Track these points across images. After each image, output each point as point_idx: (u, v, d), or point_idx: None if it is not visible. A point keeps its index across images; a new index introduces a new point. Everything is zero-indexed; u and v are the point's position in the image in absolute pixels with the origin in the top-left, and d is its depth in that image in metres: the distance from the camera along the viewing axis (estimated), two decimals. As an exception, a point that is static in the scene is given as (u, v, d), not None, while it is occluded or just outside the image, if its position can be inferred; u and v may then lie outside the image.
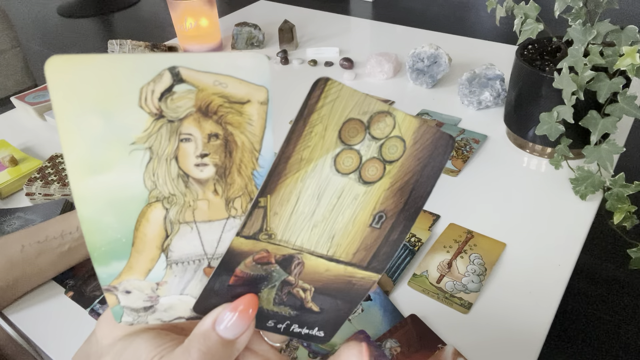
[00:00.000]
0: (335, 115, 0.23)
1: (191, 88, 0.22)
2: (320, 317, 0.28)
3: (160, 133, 0.22)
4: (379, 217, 0.25)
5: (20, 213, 0.69)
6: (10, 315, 0.58)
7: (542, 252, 0.62)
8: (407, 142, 0.24)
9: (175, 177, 0.23)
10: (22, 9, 3.70)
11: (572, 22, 0.67)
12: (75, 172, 0.22)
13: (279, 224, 0.24)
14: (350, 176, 0.24)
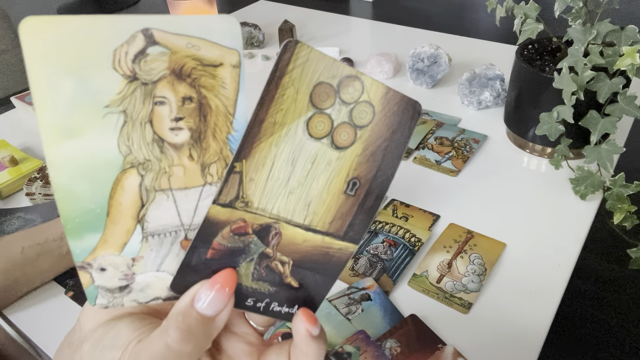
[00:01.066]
0: (306, 78, 0.23)
1: (164, 50, 0.22)
2: (300, 293, 0.27)
3: (135, 96, 0.22)
4: (353, 184, 0.25)
5: (20, 213, 0.69)
6: (10, 315, 0.58)
7: (542, 252, 0.62)
8: (376, 108, 0.24)
9: (150, 141, 0.23)
10: (22, 9, 3.70)
11: (572, 22, 0.67)
12: (49, 137, 0.21)
13: (255, 190, 0.24)
14: (323, 141, 0.24)
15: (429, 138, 0.83)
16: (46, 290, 0.60)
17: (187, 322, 0.23)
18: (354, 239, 0.26)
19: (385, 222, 0.67)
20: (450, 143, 0.82)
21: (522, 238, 0.64)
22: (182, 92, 0.23)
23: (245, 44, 1.22)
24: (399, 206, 0.70)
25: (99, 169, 0.22)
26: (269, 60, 1.16)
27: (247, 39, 1.21)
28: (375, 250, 0.62)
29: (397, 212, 0.69)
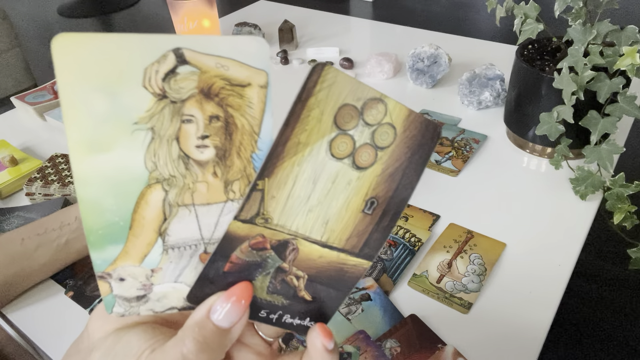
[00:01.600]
0: (332, 100, 0.23)
1: (194, 70, 0.22)
2: (312, 306, 0.28)
3: (163, 114, 0.23)
4: (371, 203, 0.26)
5: (19, 212, 0.69)
6: (10, 315, 0.58)
7: (542, 252, 0.62)
8: (397, 129, 0.25)
9: (176, 158, 0.24)
10: (22, 9, 3.70)
11: (572, 22, 0.67)
12: (77, 151, 0.22)
13: (275, 207, 0.24)
14: (345, 161, 0.25)
15: (429, 138, 0.83)
16: (46, 290, 0.60)
17: (203, 334, 0.24)
18: (369, 255, 0.27)
19: (385, 222, 0.67)
20: (450, 143, 0.82)
21: (522, 238, 0.64)
22: (209, 110, 0.23)
23: (245, 44, 1.21)
24: (399, 206, 0.70)
25: (124, 183, 0.23)
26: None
27: (247, 39, 1.21)
28: (375, 250, 0.62)
29: (397, 212, 0.69)
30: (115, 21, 3.43)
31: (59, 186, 0.73)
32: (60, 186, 0.73)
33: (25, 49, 2.76)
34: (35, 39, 3.19)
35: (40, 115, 0.96)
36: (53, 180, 0.74)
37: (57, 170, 0.76)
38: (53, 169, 0.76)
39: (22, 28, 3.32)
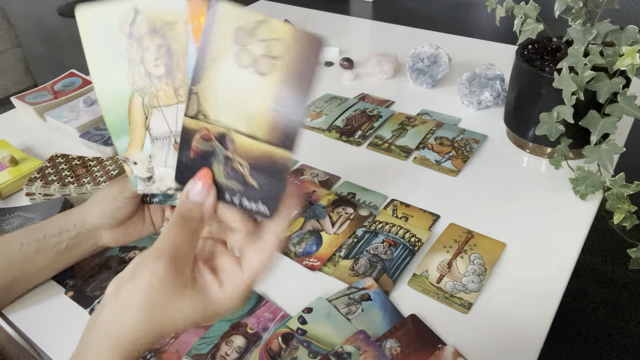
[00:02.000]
0: (229, 25, 0.32)
1: (144, 17, 0.34)
2: (260, 193, 0.34)
3: (132, 47, 0.35)
4: (277, 101, 0.32)
5: (19, 212, 0.69)
6: (10, 315, 0.58)
7: (542, 252, 0.62)
8: (288, 42, 0.31)
9: (143, 74, 0.36)
10: (22, 9, 3.70)
11: (572, 22, 0.67)
12: (96, 75, 0.37)
13: (209, 106, 0.34)
14: (249, 69, 0.32)
15: (429, 138, 0.83)
16: (46, 290, 0.60)
17: (185, 207, 0.35)
18: (288, 146, 0.32)
19: (385, 222, 0.67)
20: (450, 143, 0.82)
21: (522, 238, 0.64)
22: (157, 42, 0.35)
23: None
24: (399, 206, 0.70)
25: (119, 94, 0.37)
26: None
27: (247, 38, 1.21)
28: (375, 250, 0.62)
29: (397, 212, 0.69)
30: (115, 21, 3.42)
31: (59, 186, 0.73)
32: (60, 186, 0.73)
33: (25, 49, 2.76)
34: (35, 39, 3.19)
35: (40, 115, 0.96)
36: (53, 180, 0.74)
37: (57, 170, 0.76)
38: (53, 169, 0.76)
39: (22, 28, 3.32)
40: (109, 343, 0.36)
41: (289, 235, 0.66)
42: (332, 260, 0.62)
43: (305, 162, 0.80)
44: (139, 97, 0.36)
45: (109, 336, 0.36)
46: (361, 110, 0.92)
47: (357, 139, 0.85)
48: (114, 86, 0.36)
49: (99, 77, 0.36)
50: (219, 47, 0.32)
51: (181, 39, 0.34)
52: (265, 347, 0.52)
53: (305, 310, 0.55)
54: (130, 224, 0.58)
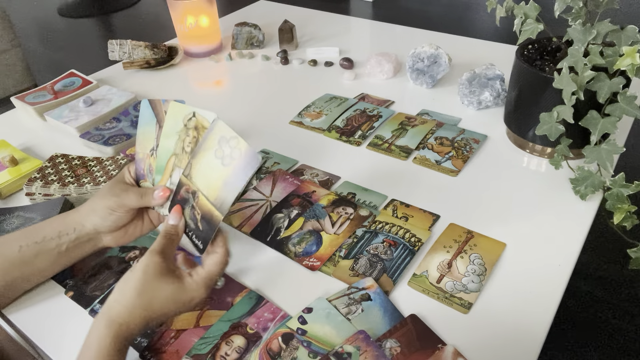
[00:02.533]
0: (217, 134, 0.52)
1: (194, 123, 0.55)
2: (202, 234, 0.54)
3: (183, 131, 0.56)
4: (225, 183, 0.51)
5: (19, 212, 0.69)
6: (10, 315, 0.58)
7: (542, 252, 0.62)
8: (242, 152, 0.50)
9: (180, 148, 0.56)
10: (22, 9, 3.70)
11: (572, 22, 0.67)
12: (162, 137, 0.57)
13: (194, 172, 0.54)
14: (219, 160, 0.52)
15: (429, 138, 0.83)
16: (46, 290, 0.60)
17: (166, 228, 0.54)
18: (221, 211, 0.52)
19: (385, 222, 0.67)
20: (450, 143, 0.82)
21: (522, 238, 0.64)
22: (193, 134, 0.55)
23: (245, 44, 1.21)
24: (399, 206, 0.70)
25: (166, 151, 0.57)
26: (269, 60, 1.16)
27: (247, 39, 1.21)
28: (375, 250, 0.62)
29: (397, 212, 0.69)
30: (115, 21, 3.43)
31: (59, 186, 0.73)
32: (60, 186, 0.73)
33: (25, 49, 2.76)
34: (35, 39, 3.19)
35: (40, 115, 0.96)
36: (53, 180, 0.74)
37: (57, 170, 0.76)
38: (53, 169, 0.76)
39: (22, 28, 3.32)
40: (105, 319, 0.48)
41: (289, 235, 0.66)
42: (332, 260, 0.62)
43: (305, 162, 0.80)
44: (173, 157, 0.57)
45: (108, 313, 0.48)
46: (361, 110, 0.92)
47: (357, 139, 0.85)
48: (167, 146, 0.57)
49: (165, 137, 0.57)
50: (209, 143, 0.53)
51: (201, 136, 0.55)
52: (265, 347, 0.52)
53: (305, 310, 0.55)
54: (130, 226, 0.59)
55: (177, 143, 0.56)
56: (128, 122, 0.91)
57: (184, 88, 1.07)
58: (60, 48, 3.02)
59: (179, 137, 0.56)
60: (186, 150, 0.55)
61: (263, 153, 0.83)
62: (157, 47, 1.15)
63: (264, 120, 0.93)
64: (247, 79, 1.10)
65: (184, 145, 0.55)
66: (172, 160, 0.57)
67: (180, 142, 0.56)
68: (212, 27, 1.19)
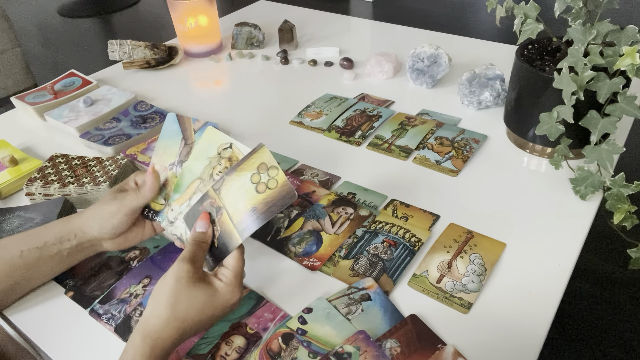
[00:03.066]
0: (257, 160, 0.52)
1: (230, 150, 0.55)
2: (216, 251, 0.53)
3: (215, 159, 0.56)
4: (253, 209, 0.51)
5: (19, 212, 0.69)
6: (10, 315, 0.58)
7: (542, 252, 0.62)
8: (279, 184, 0.50)
9: (209, 174, 0.56)
10: (22, 9, 3.70)
11: (572, 22, 0.67)
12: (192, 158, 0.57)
13: (224, 189, 0.53)
14: (253, 186, 0.51)
15: (429, 138, 0.83)
16: (46, 291, 0.60)
17: (194, 235, 0.53)
18: (242, 235, 0.52)
19: (385, 222, 0.67)
20: (450, 143, 0.82)
21: (522, 238, 0.64)
22: (225, 164, 0.55)
23: (245, 44, 1.22)
24: (399, 206, 0.70)
25: (193, 173, 0.57)
26: (269, 60, 1.16)
27: (247, 39, 1.21)
28: (375, 250, 0.62)
29: (397, 212, 0.68)
30: (115, 21, 3.43)
31: (59, 186, 0.73)
32: (60, 186, 0.73)
33: (25, 49, 2.76)
34: (35, 39, 3.19)
35: (40, 115, 0.96)
36: (53, 180, 0.74)
37: (57, 170, 0.76)
38: (53, 169, 0.76)
39: (22, 28, 3.32)
40: (140, 334, 0.47)
41: (289, 236, 0.66)
42: (332, 260, 0.62)
43: (305, 162, 0.80)
44: (198, 180, 0.56)
45: (143, 327, 0.47)
46: (361, 110, 0.92)
47: (357, 139, 0.85)
48: (194, 168, 0.57)
49: (194, 159, 0.57)
50: (247, 166, 0.52)
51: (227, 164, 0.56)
52: (265, 347, 0.52)
53: (305, 310, 0.55)
54: (131, 233, 0.59)
55: (205, 168, 0.55)
56: (128, 122, 0.91)
57: (184, 88, 1.07)
58: (60, 48, 3.02)
59: (209, 163, 0.55)
60: (214, 178, 0.55)
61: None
62: (157, 47, 1.15)
63: (264, 120, 0.93)
64: (247, 79, 1.10)
65: (213, 172, 0.55)
66: (195, 184, 0.56)
67: (210, 169, 0.55)
68: (212, 27, 1.19)
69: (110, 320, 0.56)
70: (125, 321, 0.56)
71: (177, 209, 0.58)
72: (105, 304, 0.58)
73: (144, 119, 0.91)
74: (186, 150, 0.58)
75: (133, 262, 0.63)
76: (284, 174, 0.50)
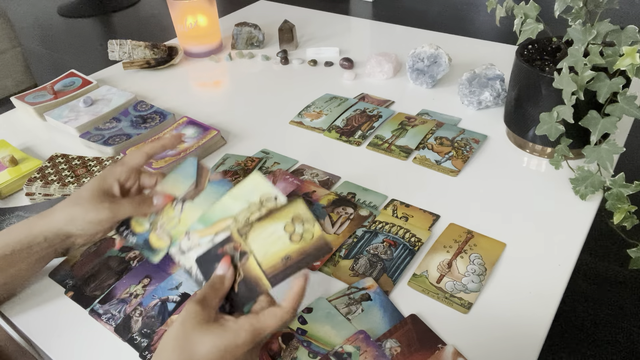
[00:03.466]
0: (293, 209, 0.51)
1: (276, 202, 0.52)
2: (235, 296, 0.50)
3: (256, 205, 0.52)
4: (287, 258, 0.49)
5: (19, 212, 0.69)
6: (10, 315, 0.58)
7: (542, 252, 0.62)
8: (314, 236, 0.49)
9: (245, 218, 0.52)
10: (22, 9, 3.70)
11: (572, 22, 0.67)
12: (232, 196, 0.54)
13: (252, 234, 0.51)
14: (286, 234, 0.50)
15: (429, 138, 0.83)
16: (46, 291, 0.60)
17: (213, 279, 0.49)
18: (272, 282, 0.49)
19: (385, 222, 0.67)
20: (450, 143, 0.82)
21: (522, 238, 0.64)
22: (263, 212, 0.52)
23: (245, 44, 1.22)
24: (399, 206, 0.70)
25: (227, 211, 0.53)
26: (269, 60, 1.16)
27: (247, 39, 1.21)
28: (375, 250, 0.62)
29: (397, 212, 0.69)
30: (115, 21, 3.43)
31: (59, 186, 0.73)
32: (60, 186, 0.73)
33: (25, 49, 2.76)
34: (35, 39, 3.19)
35: (40, 115, 0.96)
36: (53, 180, 0.74)
37: (57, 170, 0.76)
38: (53, 169, 0.76)
39: (22, 28, 3.32)
40: None
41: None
42: (332, 260, 0.62)
43: (305, 162, 0.80)
44: (230, 220, 0.53)
45: None
46: (361, 110, 0.92)
47: (357, 139, 0.85)
48: (230, 206, 0.54)
49: (233, 198, 0.54)
50: (281, 215, 0.51)
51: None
52: (265, 347, 0.52)
53: (305, 310, 0.55)
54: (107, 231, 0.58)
55: (243, 211, 0.52)
56: (128, 122, 0.91)
57: (184, 88, 1.07)
58: (60, 48, 3.02)
59: (248, 207, 0.53)
60: (249, 223, 0.52)
61: (263, 153, 0.83)
62: (157, 47, 1.15)
63: (264, 120, 0.93)
64: (247, 79, 1.10)
65: (251, 217, 0.52)
66: (226, 222, 0.53)
67: (248, 213, 0.52)
68: (212, 27, 1.19)
69: (110, 320, 0.56)
70: (125, 321, 0.56)
71: (197, 240, 0.54)
72: (105, 303, 0.58)
73: (144, 119, 0.91)
74: (193, 193, 0.57)
75: (133, 262, 0.63)
76: (319, 227, 0.49)
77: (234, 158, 0.82)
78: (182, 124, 0.88)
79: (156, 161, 0.78)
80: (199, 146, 0.82)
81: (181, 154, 0.80)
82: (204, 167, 0.59)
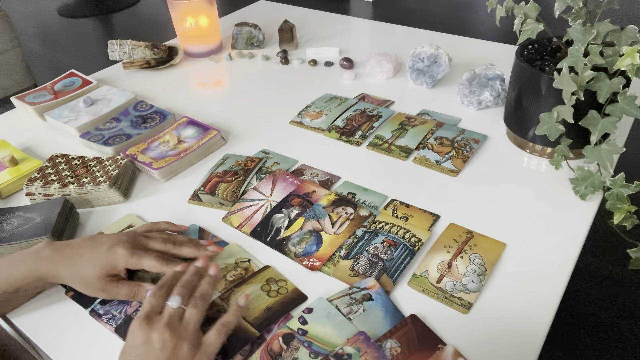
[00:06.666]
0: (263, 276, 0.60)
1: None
2: (228, 345, 0.53)
3: (227, 268, 0.62)
4: (268, 308, 0.55)
5: (19, 212, 0.69)
6: (11, 315, 0.58)
7: (542, 252, 0.62)
8: (289, 291, 0.58)
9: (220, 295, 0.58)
10: (22, 9, 3.70)
11: (572, 22, 0.67)
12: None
13: (233, 298, 0.58)
14: (263, 293, 0.58)
15: (429, 138, 0.83)
16: (47, 291, 0.60)
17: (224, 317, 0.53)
18: (258, 329, 0.54)
19: (385, 222, 0.67)
20: (450, 143, 0.82)
21: (522, 238, 0.64)
22: (233, 273, 0.61)
23: (245, 44, 1.22)
24: (399, 206, 0.70)
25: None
26: (269, 60, 1.16)
27: (247, 39, 1.21)
28: (375, 250, 0.62)
29: (397, 212, 0.69)
30: (115, 21, 3.43)
31: (59, 186, 0.73)
32: (60, 186, 0.73)
33: (25, 49, 2.76)
34: (35, 39, 3.19)
35: (40, 115, 0.96)
36: (53, 180, 0.74)
37: (57, 170, 0.76)
38: (53, 169, 0.76)
39: (22, 28, 3.32)
40: None
41: (289, 236, 0.66)
42: (332, 261, 0.62)
43: (305, 162, 0.80)
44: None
45: None
46: (361, 110, 0.92)
47: (357, 139, 0.85)
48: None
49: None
50: (256, 280, 0.59)
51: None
52: (266, 347, 0.52)
53: (306, 310, 0.55)
54: None
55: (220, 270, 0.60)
56: (128, 122, 0.91)
57: (184, 88, 1.08)
58: (60, 48, 3.02)
59: (224, 267, 0.61)
60: (228, 279, 0.60)
61: (263, 153, 0.83)
62: (157, 47, 1.15)
63: (264, 120, 0.93)
64: (247, 79, 1.10)
65: (227, 274, 0.60)
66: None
67: (224, 272, 0.61)
68: (212, 27, 1.19)
69: (110, 321, 0.56)
70: (126, 322, 0.56)
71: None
72: (106, 304, 0.58)
73: (144, 119, 0.91)
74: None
75: (133, 262, 0.63)
76: (292, 284, 0.58)
77: (234, 158, 0.82)
78: (182, 124, 0.88)
79: (156, 161, 0.78)
80: (199, 146, 0.82)
81: (181, 154, 0.80)
82: (205, 232, 0.67)
